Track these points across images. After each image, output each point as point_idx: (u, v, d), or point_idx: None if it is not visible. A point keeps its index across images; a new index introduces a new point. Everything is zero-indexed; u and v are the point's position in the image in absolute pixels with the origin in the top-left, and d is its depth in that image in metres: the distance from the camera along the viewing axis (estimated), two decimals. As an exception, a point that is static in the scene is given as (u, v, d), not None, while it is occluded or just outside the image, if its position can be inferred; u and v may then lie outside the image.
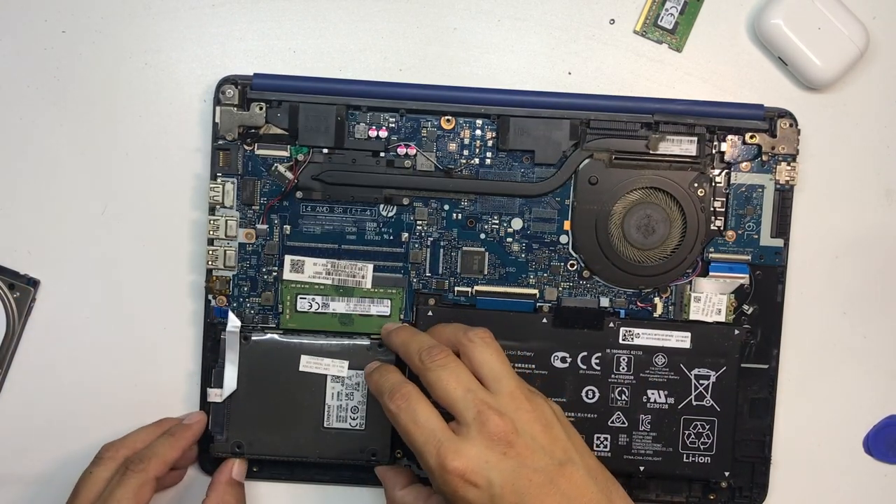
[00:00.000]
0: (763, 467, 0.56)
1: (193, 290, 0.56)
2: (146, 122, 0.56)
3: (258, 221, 0.55)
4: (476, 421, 0.45)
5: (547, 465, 0.45)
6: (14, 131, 0.56)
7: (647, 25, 0.56)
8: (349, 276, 0.55)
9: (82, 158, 0.56)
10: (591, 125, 0.54)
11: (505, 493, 0.44)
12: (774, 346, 0.56)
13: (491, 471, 0.44)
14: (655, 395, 0.55)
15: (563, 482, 0.45)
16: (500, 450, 0.45)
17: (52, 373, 0.56)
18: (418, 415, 0.46)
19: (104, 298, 0.56)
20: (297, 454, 0.55)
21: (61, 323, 0.56)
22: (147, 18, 0.56)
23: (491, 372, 0.47)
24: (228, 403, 0.54)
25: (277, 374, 0.54)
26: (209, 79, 0.55)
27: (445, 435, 0.45)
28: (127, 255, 0.56)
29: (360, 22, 0.56)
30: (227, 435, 0.54)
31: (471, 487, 0.44)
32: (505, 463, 0.44)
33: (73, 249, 0.56)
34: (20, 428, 0.56)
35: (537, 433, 0.46)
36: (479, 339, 0.48)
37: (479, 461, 0.44)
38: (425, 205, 0.55)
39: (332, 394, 0.54)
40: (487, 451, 0.44)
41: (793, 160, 0.55)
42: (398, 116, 0.54)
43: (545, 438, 0.46)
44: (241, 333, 0.54)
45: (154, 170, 0.56)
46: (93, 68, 0.56)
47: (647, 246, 0.55)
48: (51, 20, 0.55)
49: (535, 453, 0.45)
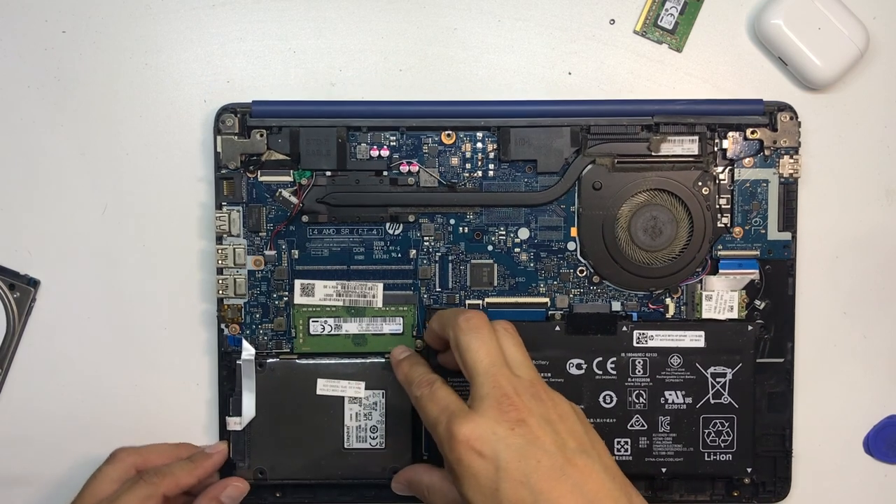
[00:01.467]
0: (785, 461, 0.56)
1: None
2: (146, 122, 0.56)
3: (266, 248, 0.55)
4: (491, 395, 0.44)
5: (558, 450, 0.43)
6: (14, 131, 0.56)
7: (647, 25, 0.56)
8: (360, 296, 0.55)
9: (82, 159, 0.56)
10: (592, 131, 0.54)
11: (510, 468, 0.43)
12: (788, 339, 0.56)
13: (498, 443, 0.43)
14: (673, 396, 0.55)
15: (575, 473, 0.43)
16: (509, 425, 0.43)
17: (51, 373, 0.56)
18: (436, 392, 0.47)
19: (104, 299, 0.56)
20: (320, 476, 0.55)
21: (61, 323, 0.56)
22: (147, 18, 0.56)
23: (513, 358, 0.47)
24: (248, 430, 0.54)
25: (295, 398, 0.55)
26: (209, 79, 0.56)
27: (459, 406, 0.45)
28: (127, 256, 0.56)
29: (360, 22, 0.56)
30: (248, 462, 0.55)
31: (476, 456, 0.43)
32: (514, 438, 0.43)
33: (73, 249, 0.56)
34: (20, 428, 0.56)
35: (552, 419, 0.45)
36: (503, 330, 0.48)
37: (487, 431, 0.43)
38: (431, 220, 0.55)
39: (350, 415, 0.55)
40: (496, 424, 0.43)
41: (795, 153, 0.55)
42: (399, 134, 0.55)
43: (560, 426, 0.45)
44: (256, 360, 0.54)
45: (155, 169, 0.56)
46: (93, 68, 0.56)
47: (655, 247, 0.55)
48: (51, 20, 0.55)
49: (548, 436, 0.44)
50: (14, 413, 0.56)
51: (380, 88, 0.56)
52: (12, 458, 0.56)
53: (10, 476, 0.56)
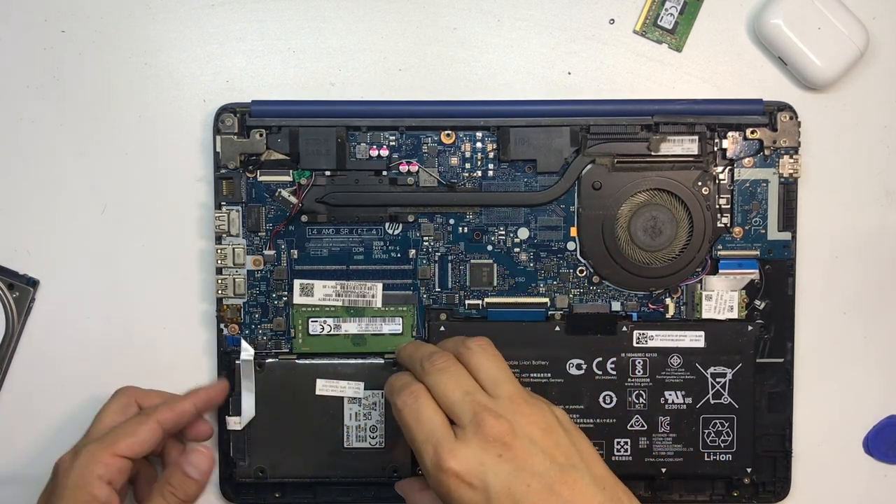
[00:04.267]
0: (785, 461, 0.56)
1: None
2: (146, 122, 0.56)
3: (265, 248, 0.55)
4: (472, 423, 0.44)
5: (547, 469, 0.43)
6: (13, 131, 0.56)
7: (646, 25, 0.56)
8: (359, 296, 0.55)
9: (82, 158, 0.56)
10: (592, 130, 0.54)
11: (501, 496, 0.43)
12: (788, 339, 0.55)
13: (487, 473, 0.43)
14: (673, 396, 0.55)
15: (565, 489, 0.43)
16: (495, 452, 0.43)
17: (51, 373, 0.56)
18: (421, 413, 0.46)
19: (103, 298, 0.56)
20: (319, 475, 0.55)
21: (61, 323, 0.56)
22: (147, 18, 0.56)
23: (489, 376, 0.47)
24: (248, 430, 0.54)
25: (294, 398, 0.54)
26: (209, 78, 0.56)
27: (444, 434, 0.45)
28: (127, 256, 0.56)
29: (360, 22, 0.56)
30: (249, 461, 0.55)
31: (466, 488, 0.43)
32: (501, 466, 0.43)
33: (72, 249, 0.56)
34: (20, 428, 0.56)
35: (537, 437, 0.44)
36: (476, 346, 0.48)
37: (475, 462, 0.43)
38: (431, 220, 0.55)
39: (350, 414, 0.55)
40: (483, 453, 0.43)
41: (795, 152, 0.55)
42: (398, 134, 0.54)
43: (546, 442, 0.44)
44: (255, 361, 0.54)
45: (154, 169, 0.56)
46: (93, 68, 0.56)
47: (655, 247, 0.55)
48: (50, 20, 0.55)
49: (534, 457, 0.44)
50: (13, 413, 0.56)
51: (379, 88, 0.56)
52: (12, 458, 0.56)
53: (8, 476, 0.56)
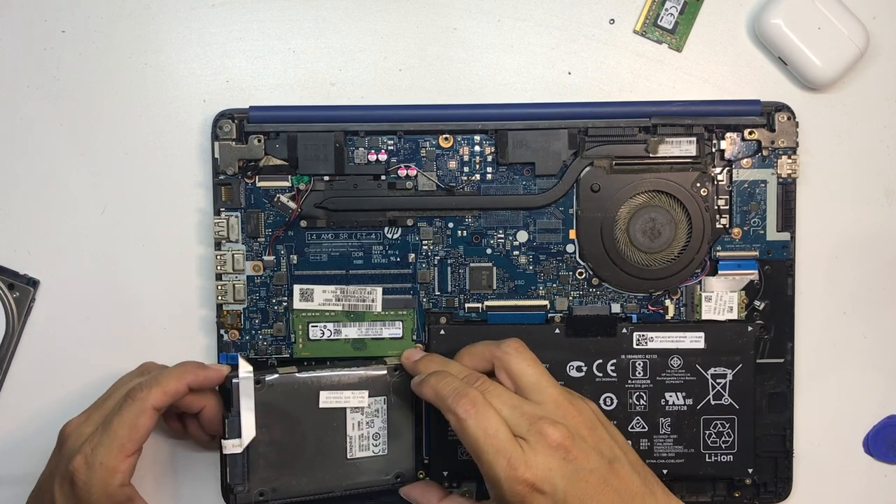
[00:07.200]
0: (786, 461, 0.56)
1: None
2: (146, 122, 0.56)
3: (265, 253, 0.55)
4: (533, 432, 0.46)
5: (599, 464, 0.46)
6: (14, 131, 0.56)
7: (646, 25, 0.56)
8: (359, 300, 0.55)
9: (82, 158, 0.56)
10: (590, 133, 0.54)
11: (568, 496, 0.45)
12: (788, 339, 0.56)
13: (555, 477, 0.45)
14: (673, 398, 0.55)
15: (614, 479, 0.46)
16: (559, 455, 0.46)
17: (51, 373, 0.56)
18: (488, 424, 0.46)
19: (103, 299, 0.56)
20: (324, 490, 0.53)
21: (61, 323, 0.56)
22: (147, 18, 0.56)
23: (530, 382, 0.48)
24: (247, 451, 0.52)
25: (295, 412, 0.53)
26: (209, 78, 0.56)
27: (514, 446, 0.46)
28: (127, 256, 0.56)
29: (360, 22, 0.56)
30: (248, 486, 0.52)
31: (538, 495, 0.45)
32: (566, 468, 0.46)
33: (72, 249, 0.56)
34: (20, 428, 0.56)
35: (586, 435, 0.47)
36: (514, 350, 0.49)
37: (545, 469, 0.45)
38: (430, 224, 0.55)
39: (352, 424, 0.54)
40: (550, 460, 0.45)
41: (793, 153, 0.55)
42: (396, 138, 0.54)
43: (593, 438, 0.47)
44: (254, 377, 0.52)
45: (154, 169, 0.56)
46: (92, 68, 0.56)
47: (654, 249, 0.55)
48: (51, 20, 0.55)
49: (588, 454, 0.46)
50: (14, 413, 0.56)
51: (379, 88, 0.56)
52: (12, 458, 0.56)
53: (9, 476, 0.56)
